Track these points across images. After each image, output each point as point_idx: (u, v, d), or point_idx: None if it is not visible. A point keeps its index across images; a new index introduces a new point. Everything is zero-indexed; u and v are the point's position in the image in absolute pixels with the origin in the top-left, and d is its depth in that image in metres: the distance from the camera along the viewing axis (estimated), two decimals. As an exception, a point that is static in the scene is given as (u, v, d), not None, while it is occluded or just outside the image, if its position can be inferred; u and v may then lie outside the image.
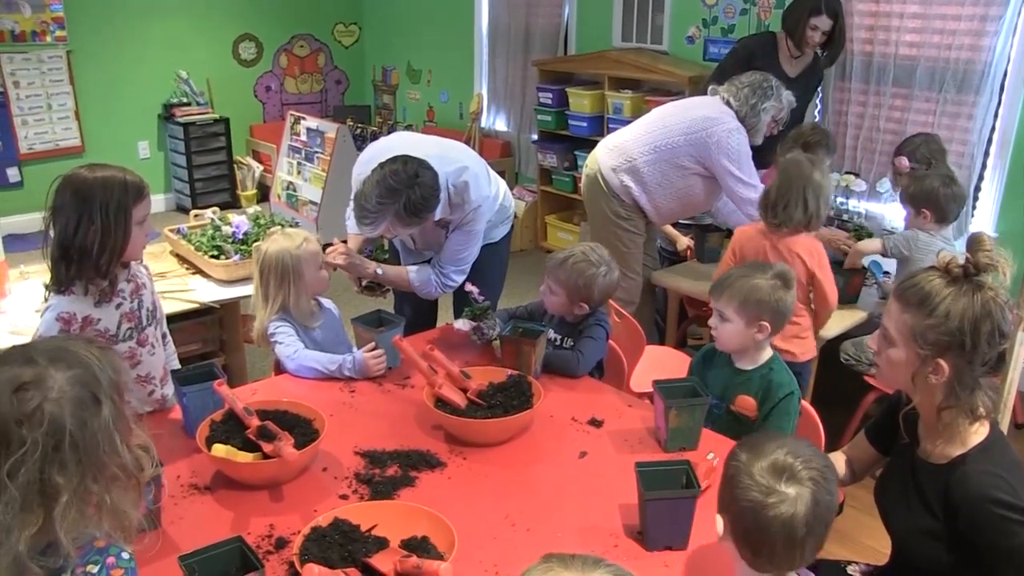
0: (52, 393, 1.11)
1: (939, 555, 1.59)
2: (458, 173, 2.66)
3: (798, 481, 1.30)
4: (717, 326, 2.14)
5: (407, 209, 2.48)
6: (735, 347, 2.16)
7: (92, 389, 1.15)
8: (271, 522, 1.71)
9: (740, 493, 1.32)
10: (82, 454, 1.13)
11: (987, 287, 1.52)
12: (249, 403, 1.96)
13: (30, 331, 2.78)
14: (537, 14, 6.01)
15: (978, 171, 3.92)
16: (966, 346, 1.50)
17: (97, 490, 1.14)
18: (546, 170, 5.91)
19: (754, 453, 1.34)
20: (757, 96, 3.26)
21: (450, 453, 1.98)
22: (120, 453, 1.17)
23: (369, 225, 2.53)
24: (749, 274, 2.13)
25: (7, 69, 5.93)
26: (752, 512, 1.30)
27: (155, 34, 6.56)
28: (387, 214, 2.49)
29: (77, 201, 1.95)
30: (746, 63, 3.84)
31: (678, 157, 3.28)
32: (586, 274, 2.37)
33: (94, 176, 1.97)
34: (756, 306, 2.07)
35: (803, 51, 3.96)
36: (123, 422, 1.19)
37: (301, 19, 7.34)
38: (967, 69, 3.86)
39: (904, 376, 1.59)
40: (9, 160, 6.08)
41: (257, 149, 7.14)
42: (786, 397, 2.08)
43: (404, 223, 2.53)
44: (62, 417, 1.11)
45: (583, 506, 1.79)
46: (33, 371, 1.12)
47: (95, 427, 1.14)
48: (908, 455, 1.68)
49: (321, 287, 2.52)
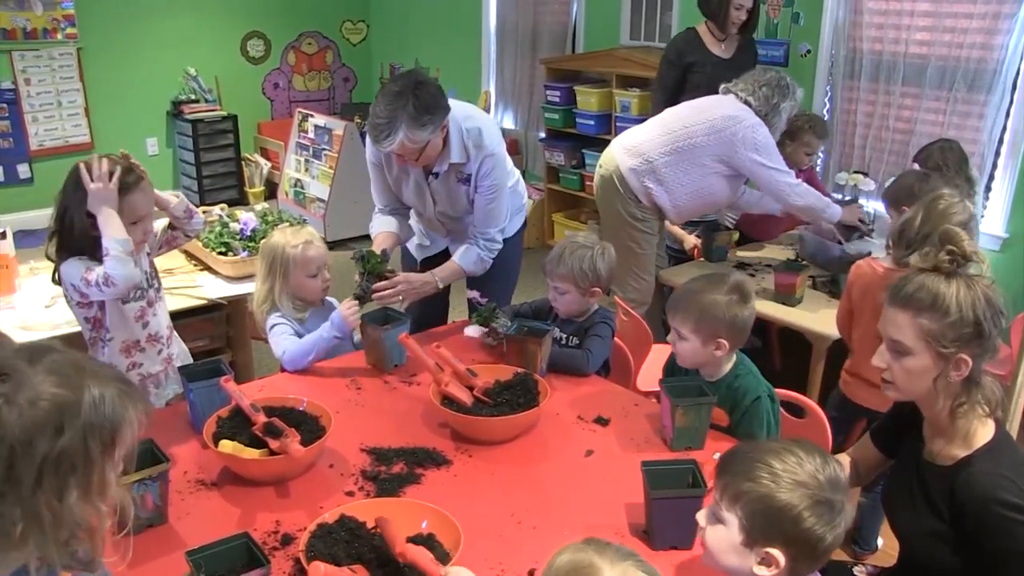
0: (20, 395, 1.03)
1: (946, 557, 1.58)
2: (469, 120, 2.63)
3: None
4: (675, 343, 2.09)
5: (417, 108, 2.40)
6: (695, 364, 2.11)
7: (63, 416, 1.04)
8: (277, 518, 1.71)
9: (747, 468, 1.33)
10: (8, 470, 1.02)
11: (974, 275, 1.56)
12: (256, 399, 1.96)
13: (40, 326, 2.81)
14: (545, 12, 6.00)
15: (988, 171, 3.90)
16: (984, 334, 1.52)
17: (16, 518, 1.03)
18: (553, 168, 5.90)
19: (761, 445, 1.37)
20: (777, 95, 3.29)
21: (456, 451, 1.98)
22: (64, 498, 1.05)
23: (386, 138, 2.43)
24: (704, 289, 2.05)
25: (19, 66, 5.96)
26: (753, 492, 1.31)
27: (164, 32, 6.58)
28: (400, 119, 2.39)
29: (75, 186, 2.16)
30: (678, 63, 4.04)
31: (700, 157, 3.30)
32: (586, 258, 2.36)
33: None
34: (712, 323, 2.01)
35: (727, 32, 4.06)
36: (92, 472, 1.07)
37: (309, 16, 7.35)
38: (978, 68, 3.83)
39: (925, 382, 1.58)
40: (20, 156, 6.11)
41: (265, 146, 7.16)
42: (754, 401, 2.04)
43: (419, 124, 2.42)
44: (8, 420, 1.02)
45: (589, 504, 1.79)
46: (24, 368, 1.06)
47: (39, 452, 1.03)
48: (914, 457, 1.68)
49: (310, 294, 2.50)
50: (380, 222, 2.87)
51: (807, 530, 1.26)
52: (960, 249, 1.55)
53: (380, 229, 2.85)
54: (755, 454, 1.32)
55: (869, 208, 4.07)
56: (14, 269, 3.11)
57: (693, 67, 4.07)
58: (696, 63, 4.04)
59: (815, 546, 1.28)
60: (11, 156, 6.08)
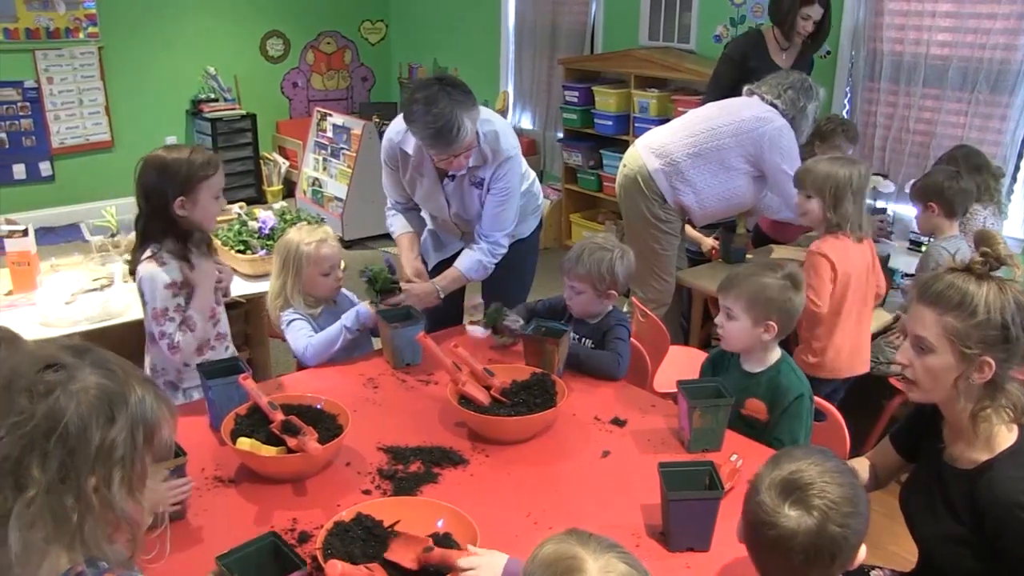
0: (73, 385, 1.07)
1: (966, 562, 1.57)
2: (486, 123, 2.62)
3: (804, 507, 1.26)
4: (723, 324, 2.12)
5: (460, 94, 2.40)
6: (741, 346, 2.13)
7: (113, 406, 1.09)
8: (294, 516, 1.72)
9: (748, 504, 1.32)
10: (67, 457, 1.05)
11: (1006, 280, 1.53)
12: (273, 397, 1.97)
13: (60, 323, 2.83)
14: (564, 12, 5.99)
15: (1011, 173, 3.86)
16: (1011, 339, 1.50)
17: (70, 507, 1.06)
18: (571, 168, 5.89)
19: (775, 465, 1.33)
20: (803, 98, 3.27)
21: (473, 450, 1.99)
22: (111, 487, 1.08)
23: (456, 133, 2.40)
24: (759, 273, 2.10)
25: (41, 65, 6.02)
26: (752, 526, 1.30)
27: (184, 31, 6.63)
28: (456, 111, 2.38)
29: (158, 178, 2.21)
30: (740, 65, 3.90)
31: (728, 158, 3.28)
32: (605, 260, 2.36)
33: (171, 156, 2.22)
34: (765, 305, 2.04)
35: (792, 41, 3.97)
36: (135, 464, 1.10)
37: (328, 16, 7.38)
38: (1001, 69, 3.80)
39: (946, 382, 1.56)
40: (41, 154, 6.18)
41: (283, 145, 7.19)
42: (796, 400, 2.04)
43: (470, 107, 2.42)
44: (66, 408, 1.05)
45: (605, 505, 1.79)
46: (73, 360, 1.10)
47: (94, 439, 1.06)
48: (935, 460, 1.66)
49: (322, 292, 2.51)
50: (400, 222, 2.88)
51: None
52: (995, 251, 1.53)
53: (402, 230, 2.85)
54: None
55: (889, 211, 4.06)
56: (35, 266, 3.14)
57: (752, 71, 3.91)
58: (757, 68, 3.85)
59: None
60: (33, 154, 6.14)
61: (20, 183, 6.12)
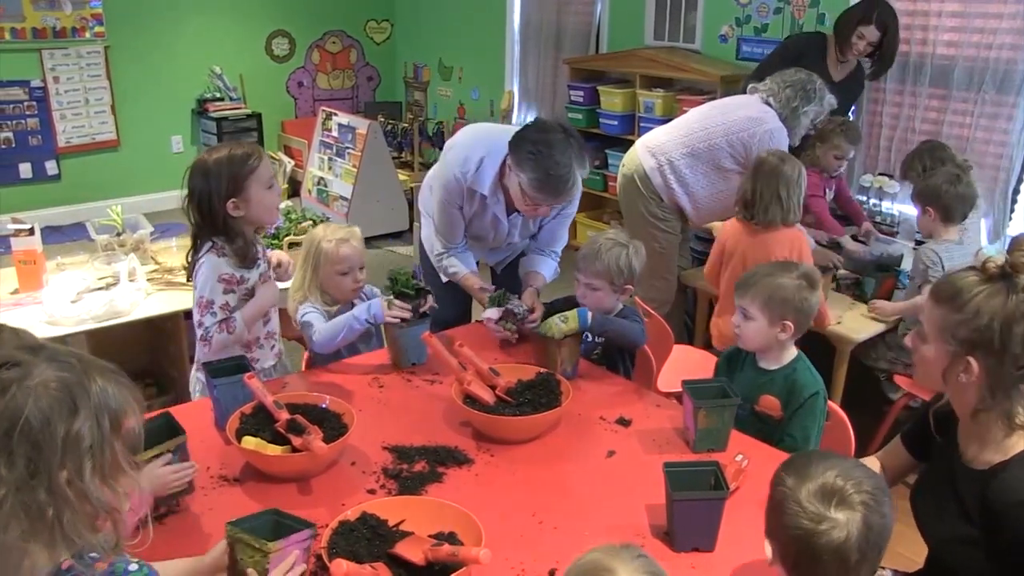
0: (29, 380, 1.07)
1: (978, 564, 1.56)
2: None
3: (849, 505, 1.26)
4: (740, 324, 2.13)
5: (580, 150, 2.41)
6: (757, 346, 2.14)
7: (75, 397, 1.09)
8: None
9: (789, 520, 1.28)
10: (33, 452, 1.05)
11: (1022, 289, 1.48)
12: (279, 397, 1.98)
13: (67, 321, 2.84)
14: (569, 12, 5.99)
15: (1017, 173, 3.85)
16: (995, 344, 1.47)
17: (44, 501, 1.06)
18: (576, 168, 5.88)
19: (801, 477, 1.30)
20: (799, 99, 3.22)
21: (478, 450, 1.99)
22: (84, 477, 1.08)
23: (572, 187, 2.43)
24: (775, 272, 2.12)
25: (47, 64, 6.04)
26: (802, 541, 1.27)
27: (190, 30, 6.64)
28: (574, 165, 2.39)
29: (204, 183, 2.19)
30: (793, 62, 3.72)
31: (719, 159, 3.27)
32: (622, 256, 2.39)
33: (212, 159, 2.20)
34: (781, 305, 2.06)
35: (847, 57, 3.88)
36: (105, 452, 1.11)
37: (333, 15, 7.38)
38: (1008, 69, 3.78)
39: (935, 373, 1.57)
40: (47, 153, 6.19)
41: (288, 144, 7.20)
42: (812, 397, 2.06)
43: (583, 164, 2.44)
44: (24, 404, 1.05)
45: (610, 505, 1.79)
46: (27, 358, 1.10)
47: (59, 432, 1.06)
48: (947, 461, 1.65)
49: (338, 292, 2.48)
50: (459, 264, 2.78)
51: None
52: (1012, 258, 1.49)
53: (466, 271, 2.77)
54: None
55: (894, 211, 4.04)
56: (41, 265, 3.15)
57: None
58: (808, 70, 3.66)
59: None
60: (39, 153, 6.15)
61: (26, 182, 6.13)
